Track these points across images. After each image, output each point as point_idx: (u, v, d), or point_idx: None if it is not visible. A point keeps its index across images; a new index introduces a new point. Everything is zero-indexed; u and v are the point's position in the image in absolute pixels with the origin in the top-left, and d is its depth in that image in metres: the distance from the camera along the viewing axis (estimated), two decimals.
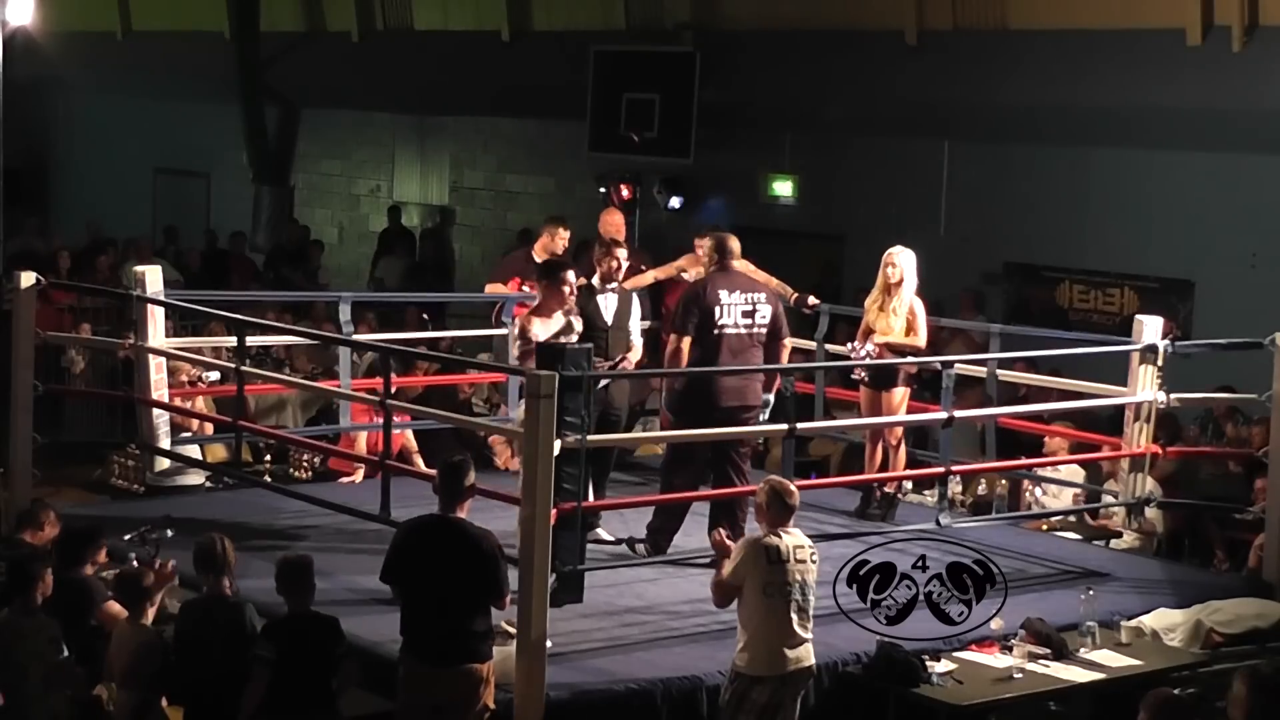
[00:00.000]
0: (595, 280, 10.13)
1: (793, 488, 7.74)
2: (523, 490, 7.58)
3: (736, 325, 9.61)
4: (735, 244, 9.94)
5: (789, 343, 10.13)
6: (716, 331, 9.54)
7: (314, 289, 18.74)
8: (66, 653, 7.64)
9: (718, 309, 9.56)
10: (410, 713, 7.41)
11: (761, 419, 9.92)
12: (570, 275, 9.50)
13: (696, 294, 9.68)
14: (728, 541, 7.67)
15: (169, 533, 8.96)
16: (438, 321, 16.39)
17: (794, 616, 7.45)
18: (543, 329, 9.28)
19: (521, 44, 19.66)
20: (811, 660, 7.57)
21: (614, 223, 11.96)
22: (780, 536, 7.53)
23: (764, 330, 9.73)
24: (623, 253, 10.22)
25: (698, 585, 8.72)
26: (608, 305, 10.05)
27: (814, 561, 7.59)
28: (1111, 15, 14.57)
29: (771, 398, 10.01)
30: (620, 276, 10.20)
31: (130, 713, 7.57)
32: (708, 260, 9.94)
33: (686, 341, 9.54)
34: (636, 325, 10.22)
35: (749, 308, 9.66)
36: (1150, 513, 10.97)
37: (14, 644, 7.56)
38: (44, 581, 7.75)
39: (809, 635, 7.54)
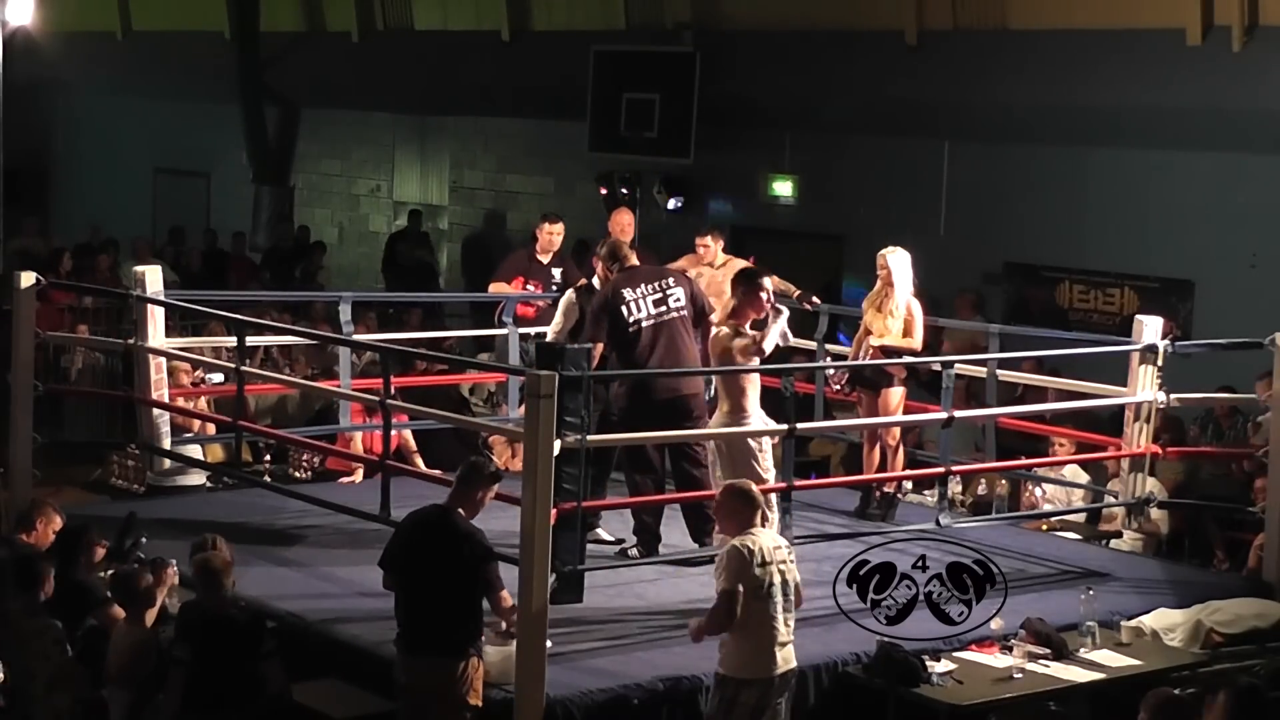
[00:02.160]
0: (595, 281, 10.14)
1: (753, 486, 7.74)
2: (523, 490, 7.58)
3: (651, 316, 9.60)
4: (626, 249, 10.02)
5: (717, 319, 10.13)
6: (632, 329, 9.55)
7: (313, 289, 18.76)
8: (69, 653, 7.66)
9: (624, 308, 9.58)
10: (403, 701, 7.45)
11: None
12: (768, 282, 9.38)
13: (603, 300, 9.69)
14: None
15: (144, 539, 8.97)
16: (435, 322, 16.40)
17: (779, 617, 7.40)
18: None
19: (521, 44, 19.66)
20: (795, 662, 7.53)
21: (622, 222, 11.98)
22: (756, 537, 7.47)
23: (684, 311, 9.71)
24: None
25: (698, 585, 8.72)
26: None
27: (791, 560, 7.54)
28: (1111, 15, 14.57)
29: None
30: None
31: (126, 711, 7.57)
32: (605, 274, 9.94)
33: (599, 347, 9.51)
34: None
35: (658, 294, 9.66)
36: (1155, 514, 11.00)
37: (20, 645, 7.55)
38: (47, 582, 7.75)
39: (792, 636, 7.50)
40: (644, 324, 9.58)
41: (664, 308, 9.65)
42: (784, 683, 7.48)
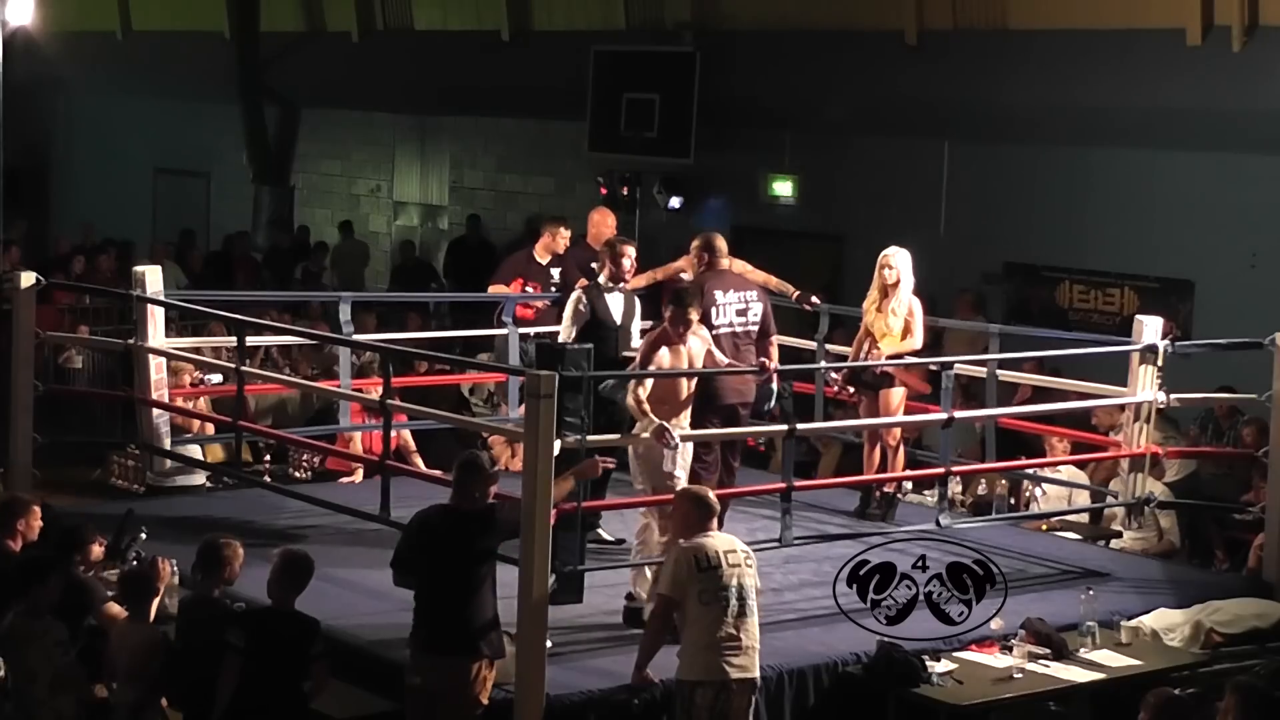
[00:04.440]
0: (602, 279, 10.11)
1: (710, 492, 7.72)
2: (523, 490, 7.58)
3: (731, 324, 9.62)
4: (722, 243, 9.96)
5: (776, 339, 10.14)
6: (713, 332, 9.53)
7: (316, 288, 18.75)
8: (72, 655, 7.64)
9: (714, 310, 9.56)
10: (411, 699, 7.45)
11: (768, 406, 9.88)
12: (694, 315, 9.00)
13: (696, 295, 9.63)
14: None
15: (143, 535, 8.96)
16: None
17: (730, 621, 7.37)
18: (673, 357, 8.94)
19: (521, 44, 19.66)
20: (755, 672, 7.48)
21: (602, 223, 11.98)
22: (708, 540, 7.47)
23: (755, 327, 9.75)
24: (632, 251, 10.19)
25: None
26: (615, 305, 10.03)
27: (749, 565, 7.51)
28: (1111, 15, 14.57)
29: (775, 387, 9.89)
30: (629, 276, 10.19)
31: (130, 711, 7.56)
32: (696, 261, 9.93)
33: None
34: (638, 325, 10.20)
35: (742, 306, 9.68)
36: (1165, 524, 11.03)
37: (23, 647, 7.53)
38: (51, 583, 7.71)
39: (753, 643, 7.46)
40: (723, 331, 9.56)
41: (743, 319, 9.67)
42: (743, 688, 7.43)
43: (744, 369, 9.42)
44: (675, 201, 17.66)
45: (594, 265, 10.75)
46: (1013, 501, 11.72)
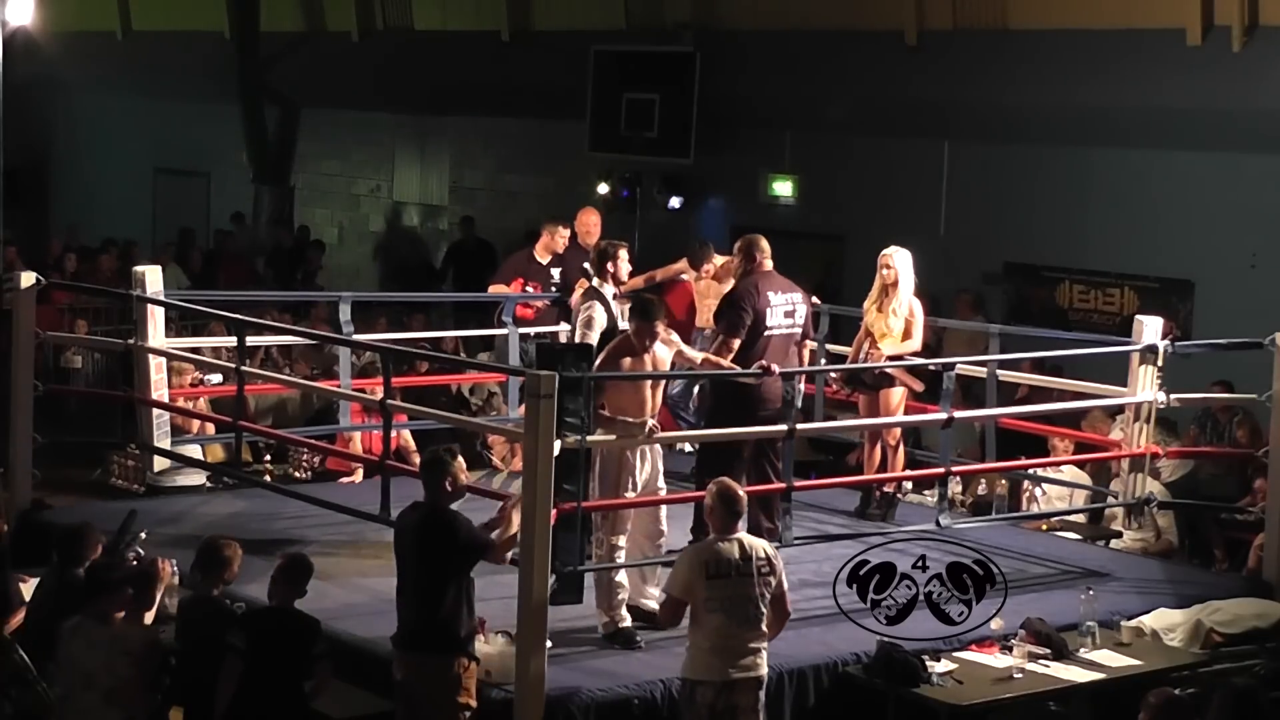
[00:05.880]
0: (596, 282, 10.05)
1: (741, 493, 7.64)
2: (523, 490, 7.58)
3: (780, 327, 9.53)
4: (767, 244, 9.79)
5: (810, 343, 10.10)
6: (766, 334, 9.46)
7: (313, 289, 18.75)
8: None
9: (769, 312, 9.48)
10: (399, 696, 7.46)
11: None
12: (659, 328, 8.80)
13: (749, 295, 9.50)
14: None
15: (143, 535, 8.97)
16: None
17: (736, 630, 7.36)
18: (636, 367, 8.74)
19: (521, 44, 19.66)
20: (762, 670, 7.48)
21: (588, 223, 11.97)
22: (725, 545, 7.43)
23: (798, 329, 9.68)
24: (625, 253, 10.12)
25: None
26: (615, 308, 9.97)
27: (763, 572, 7.42)
28: (1111, 15, 14.56)
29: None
30: (627, 278, 10.15)
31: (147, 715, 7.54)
32: (741, 260, 9.77)
33: (736, 343, 9.37)
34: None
35: (789, 308, 9.59)
36: (1163, 523, 11.02)
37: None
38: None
39: (761, 644, 7.45)
40: (775, 334, 9.50)
41: (790, 320, 9.59)
42: (748, 685, 7.42)
43: (741, 372, 9.34)
44: (675, 201, 17.66)
45: (586, 266, 10.70)
46: (1010, 503, 11.72)
